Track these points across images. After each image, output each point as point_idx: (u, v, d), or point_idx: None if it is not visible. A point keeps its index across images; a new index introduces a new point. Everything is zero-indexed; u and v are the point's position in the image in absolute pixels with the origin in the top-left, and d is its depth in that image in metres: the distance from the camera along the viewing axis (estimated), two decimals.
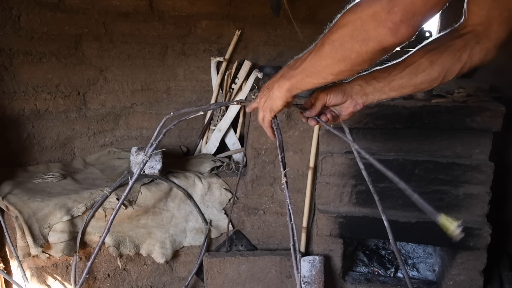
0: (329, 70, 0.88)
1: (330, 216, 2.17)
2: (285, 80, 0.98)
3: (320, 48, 0.87)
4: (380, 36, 0.77)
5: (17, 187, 2.06)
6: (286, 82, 0.98)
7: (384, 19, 0.75)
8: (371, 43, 0.79)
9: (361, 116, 2.09)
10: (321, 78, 0.92)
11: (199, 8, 2.57)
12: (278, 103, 1.02)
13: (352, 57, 0.82)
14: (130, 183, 1.31)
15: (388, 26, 0.75)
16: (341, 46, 0.82)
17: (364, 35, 0.79)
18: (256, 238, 2.37)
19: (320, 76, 0.91)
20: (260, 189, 2.30)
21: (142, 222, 2.11)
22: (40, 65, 2.35)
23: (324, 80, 0.92)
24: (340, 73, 0.88)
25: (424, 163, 2.06)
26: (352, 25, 0.80)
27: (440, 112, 2.03)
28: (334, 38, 0.83)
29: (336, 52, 0.84)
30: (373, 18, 0.76)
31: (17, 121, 2.33)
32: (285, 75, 0.99)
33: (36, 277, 2.00)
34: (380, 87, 1.06)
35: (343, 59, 0.84)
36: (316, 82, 0.94)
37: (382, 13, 0.75)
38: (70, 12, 2.36)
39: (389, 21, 0.75)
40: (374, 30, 0.77)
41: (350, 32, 0.80)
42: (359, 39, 0.79)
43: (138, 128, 2.71)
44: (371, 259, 2.47)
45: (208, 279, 2.21)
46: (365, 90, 1.07)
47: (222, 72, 2.63)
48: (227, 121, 2.58)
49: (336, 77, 0.90)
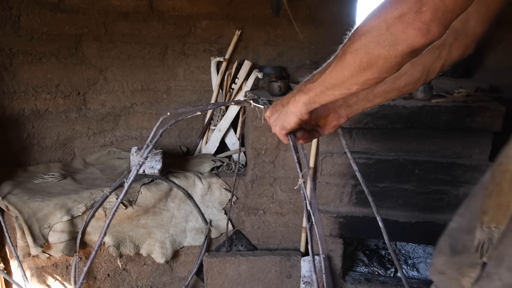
0: (353, 80, 0.83)
1: (330, 216, 2.18)
2: (302, 93, 0.93)
3: (342, 58, 0.83)
4: (410, 38, 0.73)
5: (17, 187, 2.06)
6: (303, 96, 0.93)
7: (412, 19, 0.71)
8: (400, 47, 0.75)
9: (361, 116, 2.09)
10: (345, 89, 0.87)
11: (199, 8, 2.57)
12: (291, 119, 0.97)
13: (379, 63, 0.78)
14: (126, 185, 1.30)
15: (417, 27, 0.71)
16: (366, 54, 0.78)
17: (391, 39, 0.74)
18: (256, 238, 2.37)
19: (343, 87, 0.86)
20: (260, 189, 2.30)
21: (142, 222, 2.11)
22: (40, 65, 2.35)
23: (348, 91, 0.87)
24: (366, 81, 0.83)
25: (424, 163, 2.06)
26: (376, 30, 0.76)
27: (440, 112, 2.03)
28: (357, 46, 0.79)
29: (361, 61, 0.79)
30: (400, 20, 0.72)
31: (17, 121, 2.33)
32: (302, 89, 0.94)
33: (36, 277, 2.00)
34: (364, 95, 1.04)
35: (369, 67, 0.79)
36: (338, 93, 0.89)
37: (410, 13, 0.71)
38: (70, 12, 2.37)
39: (418, 21, 0.71)
40: (402, 32, 0.73)
41: (375, 38, 0.76)
42: (386, 44, 0.75)
43: (138, 128, 2.71)
44: (371, 259, 2.47)
45: (208, 279, 2.21)
46: (348, 102, 1.05)
47: (222, 72, 2.63)
48: (227, 121, 2.58)
49: (361, 87, 0.85)
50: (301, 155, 1.05)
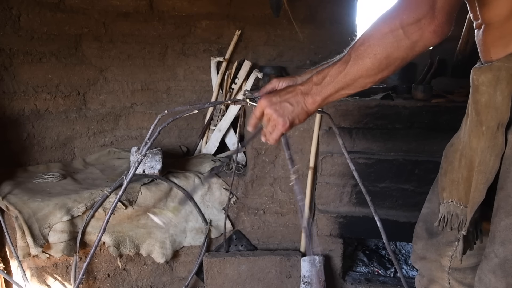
0: (370, 80, 0.93)
1: (330, 216, 2.17)
2: (316, 95, 0.99)
3: (358, 62, 0.91)
4: (426, 40, 0.84)
5: (17, 187, 2.06)
6: (317, 97, 0.99)
7: (428, 24, 0.82)
8: (417, 48, 0.85)
9: (361, 116, 2.09)
10: (360, 87, 0.95)
11: (199, 8, 2.57)
12: (302, 117, 1.03)
13: (397, 63, 0.89)
14: (125, 182, 1.30)
15: (432, 30, 0.82)
16: (387, 58, 0.88)
17: (408, 43, 0.85)
18: (256, 238, 2.37)
19: (359, 85, 0.95)
20: (260, 189, 2.30)
21: (142, 222, 2.11)
22: (40, 65, 2.35)
23: (362, 88, 0.96)
24: (382, 79, 0.93)
25: (424, 163, 2.06)
26: (393, 36, 0.85)
27: (440, 112, 2.03)
28: (376, 51, 0.88)
29: (380, 63, 0.89)
30: (417, 26, 0.83)
31: (17, 121, 2.33)
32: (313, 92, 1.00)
33: (36, 277, 2.00)
34: None
35: (386, 68, 0.90)
36: (351, 92, 0.97)
37: (425, 19, 0.82)
38: (70, 12, 2.37)
39: (433, 25, 0.82)
40: (420, 36, 0.83)
41: (394, 43, 0.86)
42: (405, 48, 0.85)
43: (138, 128, 2.71)
44: (371, 259, 2.47)
45: (208, 279, 2.21)
46: None
47: (222, 72, 2.63)
48: (227, 121, 2.58)
49: (374, 83, 0.95)
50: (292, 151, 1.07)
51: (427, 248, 1.29)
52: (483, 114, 1.01)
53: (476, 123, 1.05)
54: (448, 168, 1.19)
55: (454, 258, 1.21)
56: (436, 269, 1.28)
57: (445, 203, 1.18)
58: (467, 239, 1.12)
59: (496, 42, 0.98)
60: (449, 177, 1.18)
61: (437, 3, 0.81)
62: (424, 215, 1.33)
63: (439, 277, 1.28)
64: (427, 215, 1.30)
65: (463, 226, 1.11)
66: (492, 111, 0.98)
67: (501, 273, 0.96)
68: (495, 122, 0.97)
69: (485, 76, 0.99)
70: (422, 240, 1.31)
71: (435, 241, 1.26)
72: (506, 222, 0.95)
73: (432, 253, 1.28)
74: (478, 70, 1.03)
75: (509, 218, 0.95)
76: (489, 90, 0.99)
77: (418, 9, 0.82)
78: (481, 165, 1.01)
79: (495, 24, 0.97)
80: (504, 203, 0.96)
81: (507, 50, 0.95)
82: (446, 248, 1.23)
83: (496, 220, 0.98)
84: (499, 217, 0.97)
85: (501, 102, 0.96)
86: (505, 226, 0.95)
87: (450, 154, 1.20)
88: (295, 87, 1.04)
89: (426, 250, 1.30)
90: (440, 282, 1.29)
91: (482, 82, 1.01)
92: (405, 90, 2.31)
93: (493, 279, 0.98)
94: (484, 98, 1.00)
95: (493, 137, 0.98)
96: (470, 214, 1.05)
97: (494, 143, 0.98)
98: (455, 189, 1.15)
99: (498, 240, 0.97)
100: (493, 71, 0.97)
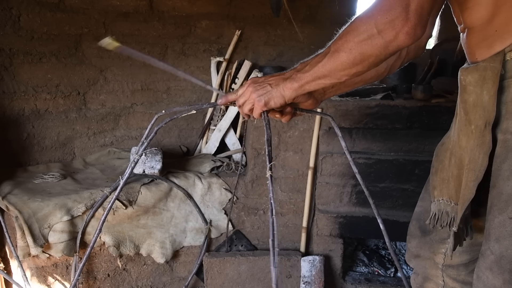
0: (344, 73, 0.96)
1: (330, 216, 2.18)
2: (294, 81, 1.03)
3: (335, 55, 0.94)
4: (399, 41, 0.86)
5: (17, 187, 2.06)
6: (294, 83, 1.03)
7: (401, 25, 0.84)
8: (390, 47, 0.88)
9: (361, 116, 2.09)
10: (335, 79, 0.99)
11: (199, 8, 2.57)
12: (278, 100, 1.06)
13: (371, 60, 0.92)
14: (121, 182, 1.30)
15: (406, 31, 0.85)
16: (361, 54, 0.90)
17: (382, 42, 0.87)
18: (256, 238, 2.37)
19: (334, 77, 0.98)
20: (260, 189, 2.30)
21: (142, 222, 2.11)
22: (40, 65, 2.35)
23: (337, 80, 0.99)
24: (356, 73, 0.96)
25: (424, 163, 2.06)
26: (367, 34, 0.88)
27: (440, 112, 2.03)
28: (351, 46, 0.91)
29: (354, 58, 0.92)
30: (391, 26, 0.85)
31: (17, 121, 2.33)
32: (293, 77, 1.03)
33: (36, 277, 2.00)
34: (337, 85, 1.18)
35: (360, 63, 0.92)
36: (328, 82, 1.00)
37: (398, 20, 0.84)
38: (70, 12, 2.37)
39: (406, 26, 0.84)
40: (393, 36, 0.86)
41: (368, 41, 0.88)
42: (378, 46, 0.88)
43: (138, 128, 2.71)
44: (371, 259, 2.47)
45: (208, 279, 2.21)
46: (326, 90, 1.20)
47: (222, 72, 2.63)
48: (227, 121, 2.58)
49: (350, 77, 0.97)
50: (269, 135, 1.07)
51: (421, 246, 1.31)
52: (471, 113, 1.03)
53: (465, 122, 1.07)
54: (438, 167, 1.21)
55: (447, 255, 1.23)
56: (430, 266, 1.30)
57: (436, 201, 1.20)
58: (457, 235, 1.13)
59: (480, 44, 1.01)
60: (439, 175, 1.20)
61: (410, 6, 0.83)
62: (417, 213, 1.34)
63: (433, 274, 1.30)
64: (420, 214, 1.32)
65: (453, 224, 1.13)
66: (479, 110, 1.00)
67: (498, 269, 0.97)
68: (482, 121, 0.99)
69: (472, 76, 1.02)
70: (416, 239, 1.33)
71: (428, 239, 1.28)
72: (499, 219, 0.97)
73: (425, 251, 1.30)
74: (465, 70, 1.05)
75: (502, 215, 0.96)
76: (476, 90, 1.01)
77: (392, 10, 0.84)
78: (471, 163, 1.03)
79: (477, 28, 1.00)
80: (497, 200, 0.98)
81: (491, 51, 0.97)
82: (439, 246, 1.25)
83: (490, 217, 1.00)
84: (493, 214, 0.99)
85: (488, 101, 0.98)
86: (499, 223, 0.97)
87: (440, 153, 1.22)
88: (282, 72, 1.09)
89: (420, 248, 1.31)
90: (434, 280, 1.30)
91: (469, 82, 1.03)
92: (405, 90, 2.31)
93: (490, 276, 0.99)
94: (472, 98, 1.02)
95: (481, 135, 1.00)
96: (461, 212, 1.06)
97: (482, 141, 1.00)
98: (445, 187, 1.17)
99: (493, 237, 0.98)
100: (479, 71, 0.99)
